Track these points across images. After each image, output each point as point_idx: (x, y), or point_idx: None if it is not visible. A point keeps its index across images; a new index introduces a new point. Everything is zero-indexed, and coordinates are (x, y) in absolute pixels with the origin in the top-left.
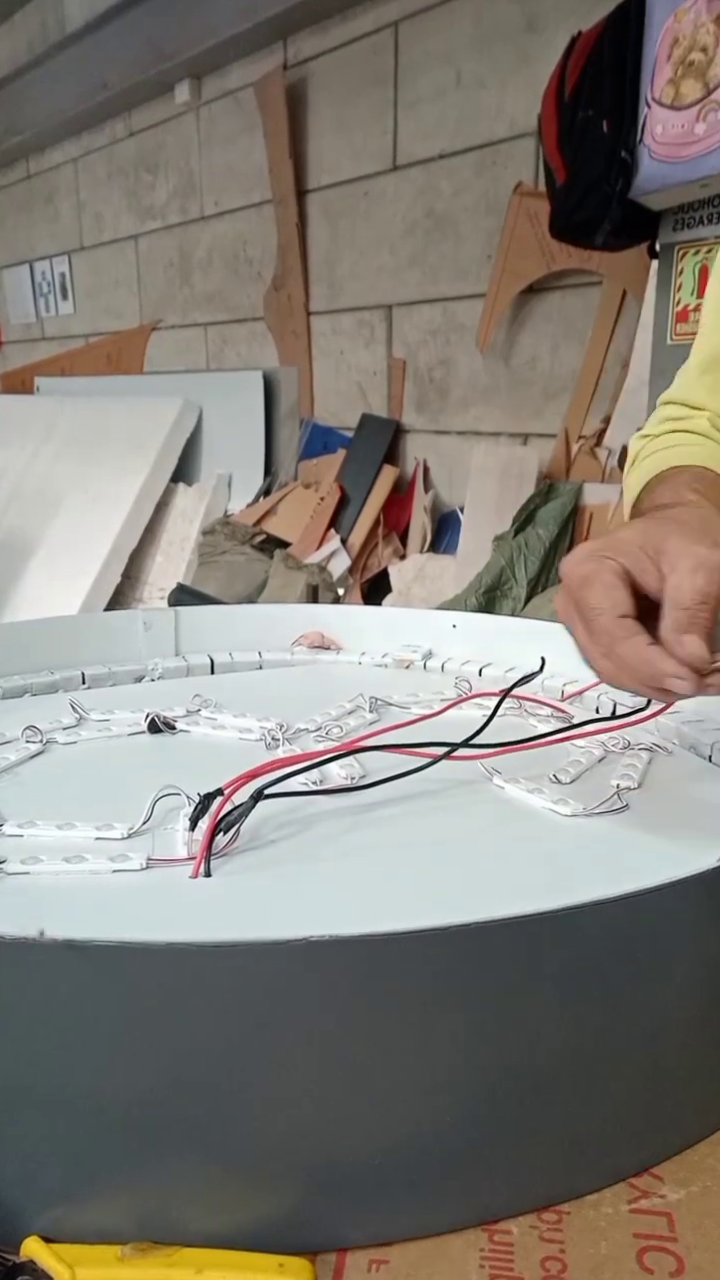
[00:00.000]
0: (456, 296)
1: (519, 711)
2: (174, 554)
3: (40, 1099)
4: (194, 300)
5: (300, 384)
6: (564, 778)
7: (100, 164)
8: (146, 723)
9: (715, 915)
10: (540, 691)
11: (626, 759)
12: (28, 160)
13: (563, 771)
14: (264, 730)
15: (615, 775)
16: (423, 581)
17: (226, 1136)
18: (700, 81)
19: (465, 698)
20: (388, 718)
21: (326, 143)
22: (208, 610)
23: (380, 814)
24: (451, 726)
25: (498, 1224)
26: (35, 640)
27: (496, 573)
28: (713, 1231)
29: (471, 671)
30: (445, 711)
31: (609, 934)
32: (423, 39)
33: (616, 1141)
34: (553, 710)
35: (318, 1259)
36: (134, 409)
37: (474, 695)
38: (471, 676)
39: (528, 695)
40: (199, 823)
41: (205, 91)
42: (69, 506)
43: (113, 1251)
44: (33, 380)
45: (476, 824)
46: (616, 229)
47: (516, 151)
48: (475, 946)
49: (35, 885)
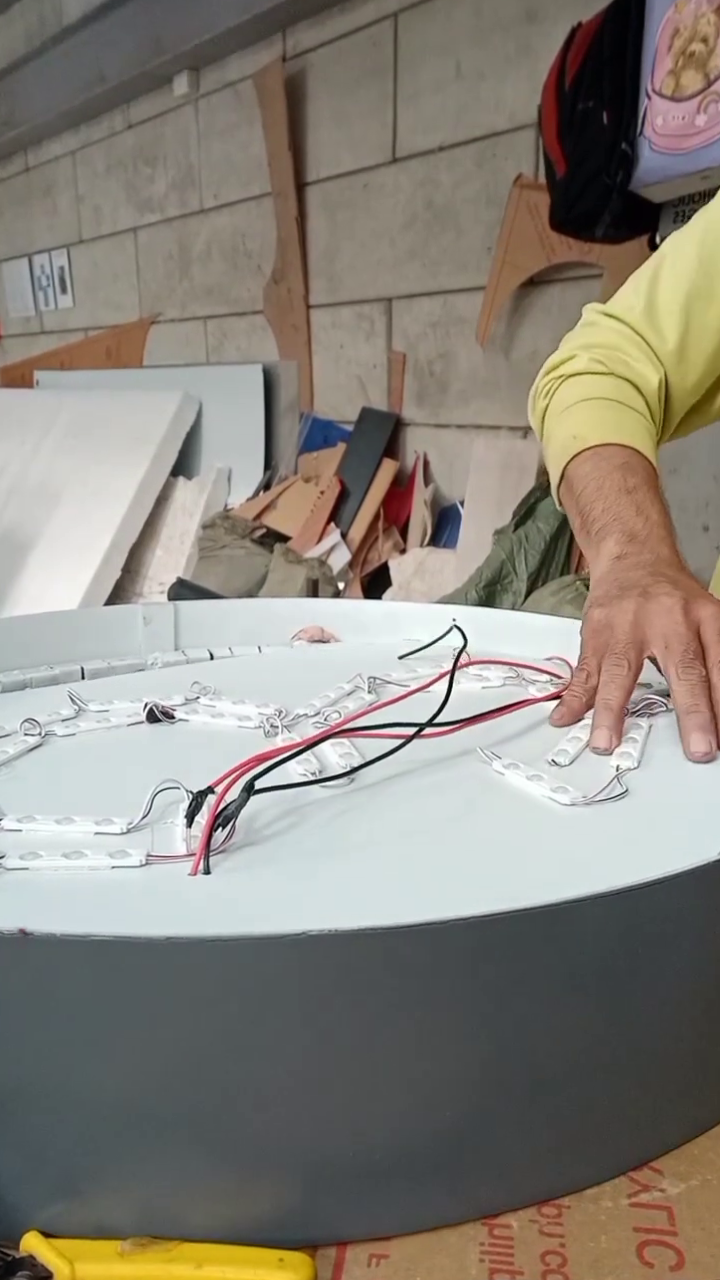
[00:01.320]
0: (456, 289)
1: (516, 680)
2: (174, 548)
3: (40, 1094)
4: (193, 293)
5: (300, 377)
6: (562, 760)
7: (99, 157)
8: (145, 712)
9: (716, 907)
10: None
11: (626, 735)
12: (26, 153)
13: (561, 753)
14: (263, 717)
15: (615, 754)
16: (423, 575)
17: (226, 1131)
18: (701, 73)
19: (452, 669)
20: (387, 697)
21: (326, 135)
22: (207, 604)
23: (377, 803)
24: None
25: (497, 1218)
26: (35, 635)
27: (497, 567)
28: (713, 1225)
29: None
30: (434, 684)
31: (610, 928)
32: (422, 30)
33: (616, 1135)
34: (551, 677)
35: (318, 1253)
36: (133, 403)
37: (470, 663)
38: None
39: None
40: (195, 819)
41: (204, 84)
42: (69, 501)
43: (112, 1246)
44: (32, 374)
45: (475, 815)
46: (617, 221)
47: (516, 143)
48: (474, 940)
49: (34, 881)
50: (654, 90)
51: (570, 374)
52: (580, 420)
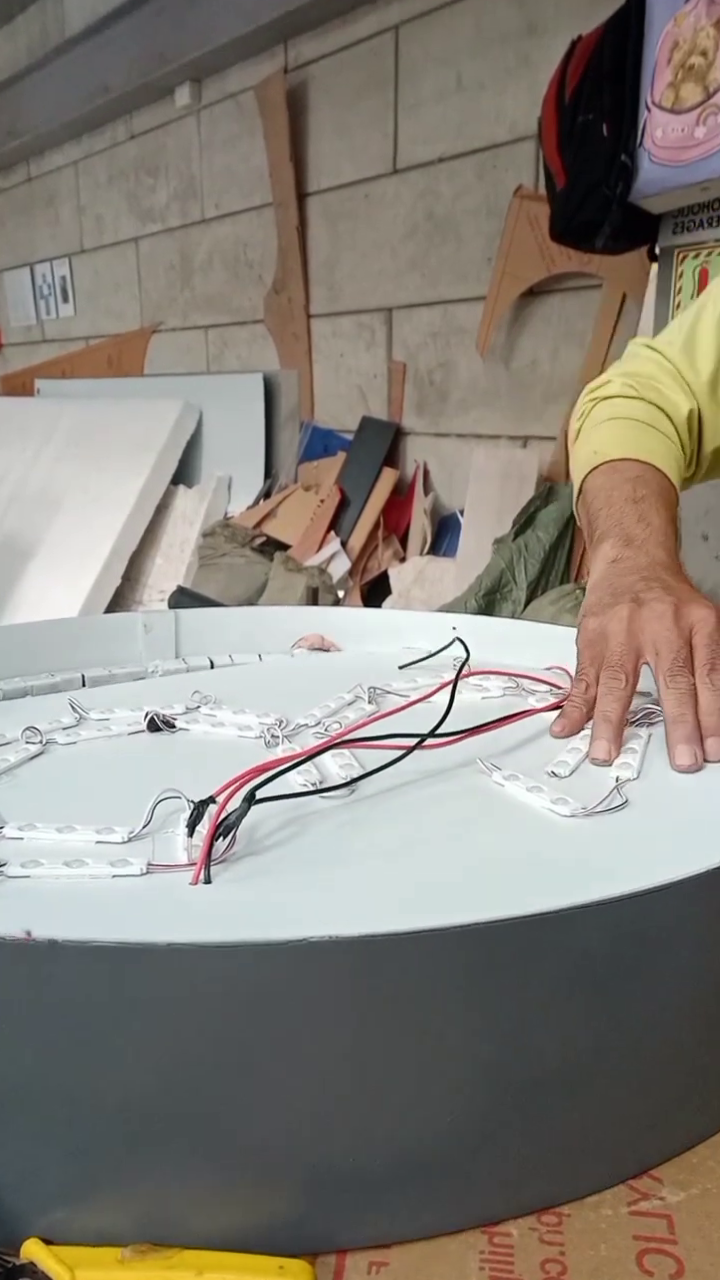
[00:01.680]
0: (456, 299)
1: (516, 691)
2: (174, 556)
3: (41, 1101)
4: (194, 303)
5: (300, 387)
6: (562, 771)
7: (101, 167)
8: (146, 721)
9: (715, 916)
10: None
11: (626, 744)
12: (28, 163)
13: (561, 764)
14: (263, 727)
15: (614, 765)
16: (423, 584)
17: (227, 1138)
18: (700, 85)
19: (454, 680)
20: (388, 707)
21: (327, 146)
22: (208, 612)
23: (378, 813)
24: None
25: (497, 1226)
26: (35, 643)
27: (496, 575)
28: (713, 1234)
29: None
30: (434, 694)
31: (609, 935)
32: (423, 42)
33: (616, 1143)
34: (551, 687)
35: (318, 1261)
36: (134, 411)
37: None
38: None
39: (525, 674)
40: (196, 828)
41: (206, 95)
42: (69, 509)
43: (113, 1254)
44: (33, 383)
45: (475, 825)
46: (616, 232)
47: (517, 155)
48: (474, 948)
49: (35, 889)
50: (653, 103)
51: (603, 396)
52: (604, 437)
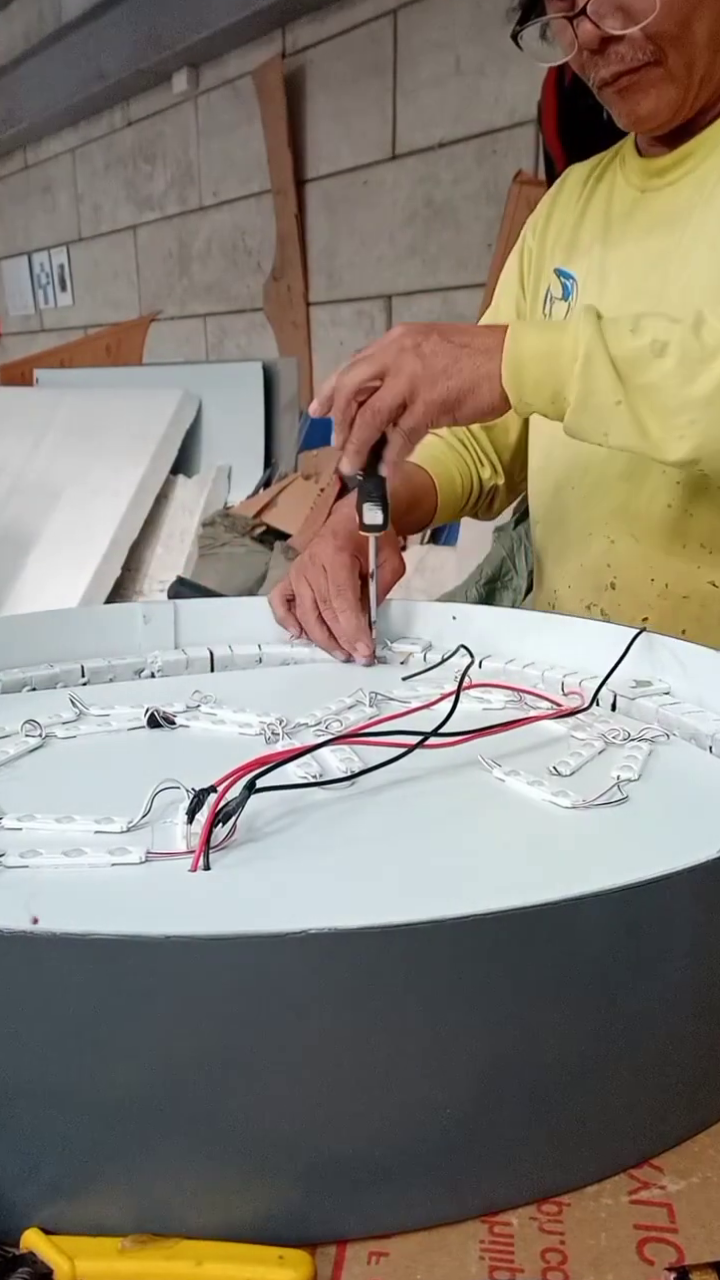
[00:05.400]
0: (456, 286)
1: (519, 704)
2: (174, 546)
3: (40, 1092)
4: (193, 291)
5: (300, 375)
6: (564, 770)
7: (98, 154)
8: (146, 718)
9: (715, 906)
10: (540, 684)
11: (627, 750)
12: (25, 151)
13: (563, 764)
14: (264, 725)
15: (616, 767)
16: (423, 573)
17: (226, 1129)
18: None
19: (459, 684)
20: (388, 712)
21: (325, 132)
22: (207, 603)
23: (378, 806)
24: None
25: (498, 1215)
26: (35, 633)
27: (497, 564)
28: (713, 1223)
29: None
30: (438, 703)
31: (609, 926)
32: (421, 26)
33: (616, 1132)
34: (550, 702)
35: (317, 1251)
36: (133, 401)
37: (472, 686)
38: (471, 668)
39: (529, 689)
40: (196, 816)
41: (203, 81)
42: (68, 499)
43: (113, 1244)
44: (32, 372)
45: (476, 816)
46: None
47: (517, 139)
48: (474, 938)
49: (34, 879)
50: None
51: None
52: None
